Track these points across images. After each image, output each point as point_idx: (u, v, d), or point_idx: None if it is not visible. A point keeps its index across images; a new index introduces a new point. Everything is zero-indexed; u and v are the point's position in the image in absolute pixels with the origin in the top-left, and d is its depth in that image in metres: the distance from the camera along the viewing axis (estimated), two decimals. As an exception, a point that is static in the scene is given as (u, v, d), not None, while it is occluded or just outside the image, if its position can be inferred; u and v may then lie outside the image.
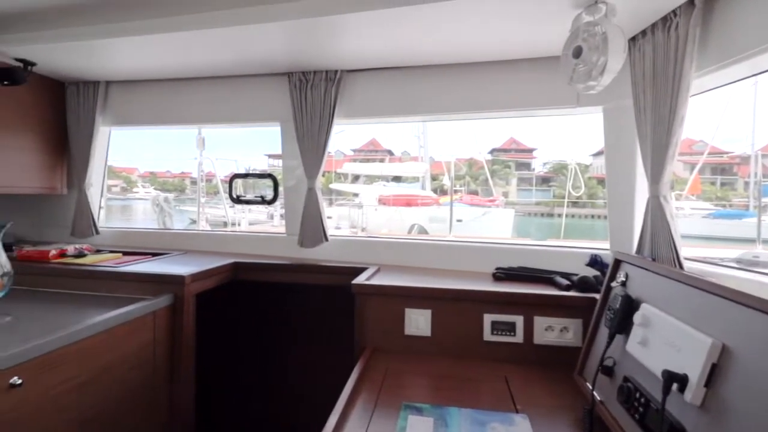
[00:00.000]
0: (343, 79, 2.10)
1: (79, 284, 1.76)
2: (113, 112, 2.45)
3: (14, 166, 2.19)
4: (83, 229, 2.38)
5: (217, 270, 1.87)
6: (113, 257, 2.03)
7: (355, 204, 10.30)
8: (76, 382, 1.24)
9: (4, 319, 1.34)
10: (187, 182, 10.77)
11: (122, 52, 1.97)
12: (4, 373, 1.03)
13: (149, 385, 1.53)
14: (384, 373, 1.31)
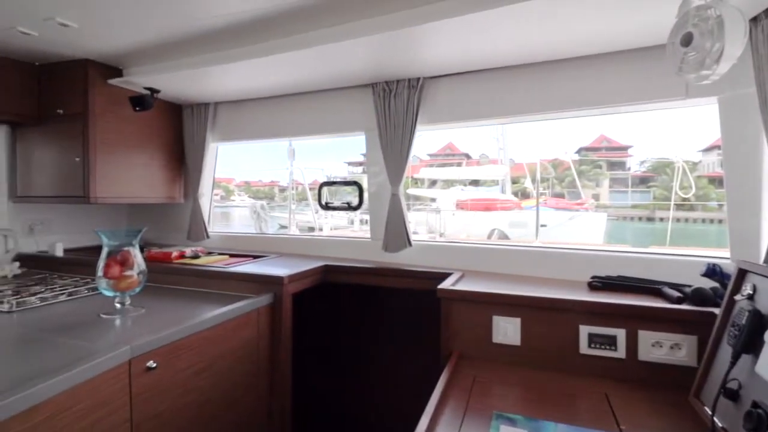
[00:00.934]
0: (425, 85, 2.13)
1: (195, 282, 2.01)
2: (220, 130, 2.76)
3: (143, 179, 2.57)
4: (197, 233, 2.70)
5: (311, 272, 2.00)
6: (222, 259, 2.27)
7: (433, 209, 10.26)
8: (197, 368, 1.41)
9: (139, 310, 1.59)
10: (276, 190, 11.55)
11: (228, 76, 2.22)
12: (144, 357, 1.22)
13: (254, 374, 1.70)
14: (472, 380, 1.30)
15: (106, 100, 2.33)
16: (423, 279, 1.92)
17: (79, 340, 1.26)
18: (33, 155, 2.43)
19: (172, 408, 1.31)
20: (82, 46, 2.10)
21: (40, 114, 2.38)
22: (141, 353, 1.21)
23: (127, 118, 2.43)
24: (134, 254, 1.55)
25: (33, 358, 1.14)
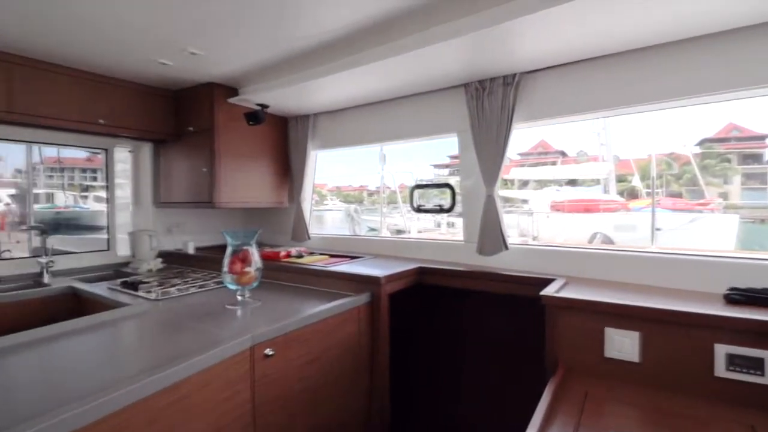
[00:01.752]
0: (521, 81, 2.05)
1: (299, 279, 2.18)
2: (319, 138, 2.96)
3: (256, 186, 2.86)
4: (300, 234, 2.93)
5: (406, 273, 2.04)
6: (322, 258, 2.43)
7: (525, 211, 9.73)
8: (307, 358, 1.53)
9: (256, 303, 1.77)
10: (365, 194, 11.97)
11: (326, 88, 2.37)
12: (263, 345, 1.36)
13: (355, 367, 1.78)
14: (584, 396, 1.21)
15: (226, 117, 2.64)
16: (522, 284, 1.84)
17: (210, 327, 1.45)
18: (171, 167, 2.86)
19: (286, 393, 1.44)
20: (207, 71, 2.41)
21: (176, 132, 2.80)
22: (261, 341, 1.35)
23: (244, 132, 2.73)
24: (252, 253, 1.73)
25: (176, 340, 1.34)
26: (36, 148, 2.64)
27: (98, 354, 1.29)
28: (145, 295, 1.88)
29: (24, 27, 1.82)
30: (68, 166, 3.80)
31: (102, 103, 2.44)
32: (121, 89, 2.52)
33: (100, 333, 1.45)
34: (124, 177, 2.92)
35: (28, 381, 1.05)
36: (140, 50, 2.10)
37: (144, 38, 1.96)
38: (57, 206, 3.26)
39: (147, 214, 2.91)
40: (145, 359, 1.18)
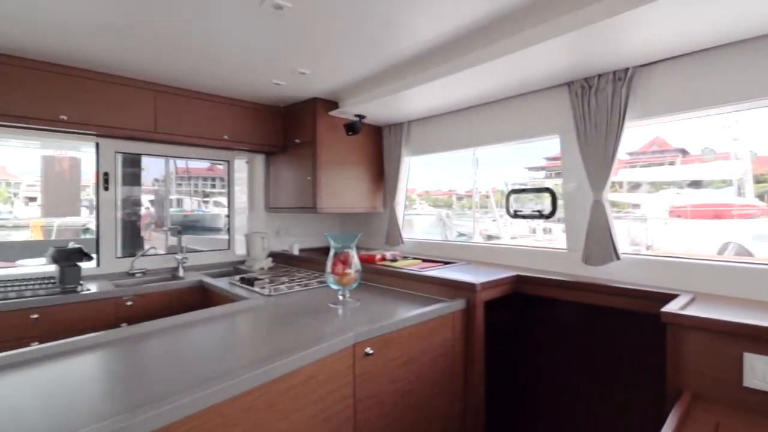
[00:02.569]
0: (635, 76, 1.87)
1: (394, 282, 2.24)
2: (412, 145, 3.02)
3: (354, 192, 3.02)
4: (393, 238, 3.02)
5: (503, 281, 1.99)
6: (416, 263, 2.47)
7: (637, 217, 8.71)
8: (402, 360, 1.58)
9: (356, 303, 1.87)
10: (454, 199, 11.79)
11: (422, 96, 2.41)
12: (364, 343, 1.44)
13: (450, 372, 1.78)
14: (714, 428, 1.06)
15: (327, 129, 2.84)
16: (637, 298, 1.66)
17: (316, 323, 1.57)
18: (280, 176, 3.16)
19: (383, 392, 1.49)
20: (312, 87, 2.62)
21: (284, 144, 3.08)
22: (362, 340, 1.42)
23: (342, 142, 2.91)
24: (353, 255, 1.84)
25: (287, 333, 1.48)
26: (171, 160, 3.13)
27: (223, 341, 1.48)
28: (260, 290, 2.11)
29: (168, 64, 2.18)
30: (193, 175, 4.40)
31: (226, 122, 2.80)
32: (240, 109, 2.87)
33: (224, 322, 1.66)
34: (241, 185, 3.30)
35: (166, 361, 1.26)
36: (259, 74, 2.37)
37: (263, 63, 2.21)
38: (184, 210, 3.79)
39: (260, 217, 3.25)
40: (263, 349, 1.33)
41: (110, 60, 2.16)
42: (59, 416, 0.90)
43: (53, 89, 2.16)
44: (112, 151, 2.61)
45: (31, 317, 1.90)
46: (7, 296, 1.93)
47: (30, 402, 0.97)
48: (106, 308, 2.11)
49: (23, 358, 1.21)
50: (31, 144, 3.08)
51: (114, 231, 2.63)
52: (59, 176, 7.01)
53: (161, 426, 0.89)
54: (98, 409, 0.93)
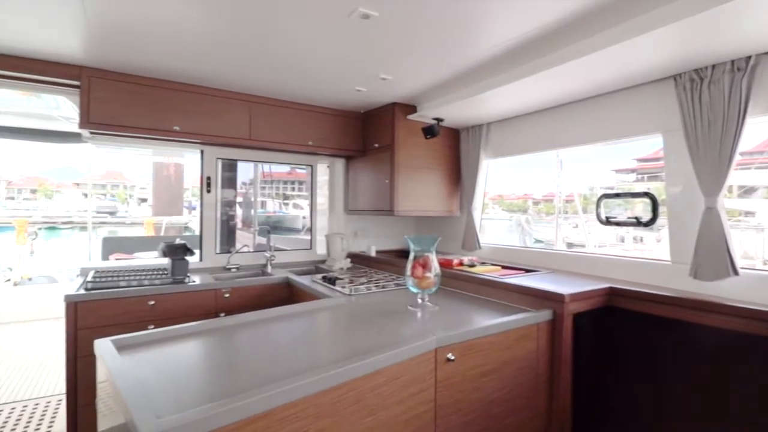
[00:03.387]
0: (759, 65, 1.63)
1: (472, 288, 2.19)
2: (492, 147, 2.94)
3: (430, 195, 3.01)
4: (470, 243, 2.96)
5: (594, 293, 1.85)
6: (495, 269, 2.40)
7: (752, 226, 7.60)
8: (484, 368, 1.53)
9: (435, 307, 1.86)
10: (529, 203, 11.36)
11: (503, 97, 2.34)
12: (446, 348, 1.42)
13: (532, 386, 1.70)
14: None
15: (405, 133, 2.88)
16: (763, 321, 1.44)
17: (397, 324, 1.59)
18: (358, 179, 3.26)
19: (465, 399, 1.47)
20: (392, 92, 2.67)
21: (363, 148, 3.18)
22: (444, 345, 1.42)
23: (419, 146, 2.93)
24: (432, 259, 1.83)
25: (369, 332, 1.52)
26: (258, 165, 3.39)
27: (311, 335, 1.56)
28: (341, 289, 2.19)
29: (262, 77, 2.37)
30: (275, 179, 4.70)
31: (310, 128, 2.97)
32: (323, 115, 3.02)
33: (310, 318, 1.75)
34: (321, 188, 3.46)
35: (260, 351, 1.35)
36: (343, 82, 2.48)
37: (348, 72, 2.30)
38: (267, 211, 4.06)
39: (339, 219, 3.39)
40: (348, 346, 1.38)
41: (214, 76, 2.40)
42: (175, 391, 1.02)
43: (168, 103, 2.46)
44: (213, 158, 2.90)
45: (148, 303, 2.17)
46: (130, 284, 2.24)
47: (152, 376, 1.11)
48: (207, 298, 2.34)
49: (145, 340, 1.39)
50: (144, 152, 3.51)
51: (214, 229, 2.91)
52: (166, 180, 7.91)
53: (262, 411, 0.96)
54: (206, 390, 1.04)
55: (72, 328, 2.00)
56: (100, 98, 2.28)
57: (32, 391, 3.06)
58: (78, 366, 2.01)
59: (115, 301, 2.10)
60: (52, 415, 2.69)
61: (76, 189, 21.47)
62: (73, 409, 2.00)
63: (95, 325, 2.05)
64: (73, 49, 2.05)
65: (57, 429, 2.50)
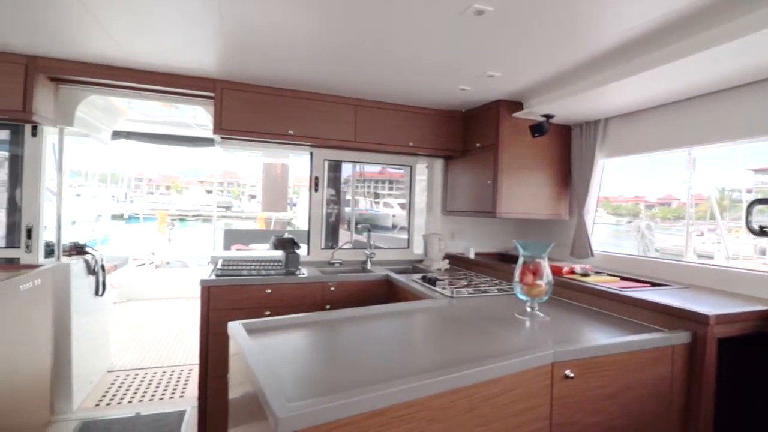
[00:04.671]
0: None
1: (586, 299, 2.01)
2: (609, 145, 2.66)
3: (535, 197, 2.84)
4: (581, 250, 2.72)
5: (745, 316, 1.57)
6: (613, 280, 2.17)
7: None
8: (607, 390, 1.39)
9: (545, 317, 1.74)
10: (641, 207, 10.16)
11: (623, 90, 2.10)
12: (563, 364, 1.32)
13: (663, 416, 1.50)
14: None
15: (510, 132, 2.75)
16: None
17: (505, 333, 1.52)
18: (457, 180, 3.21)
19: (583, 422, 1.35)
20: (497, 90, 2.57)
21: (463, 148, 3.12)
22: (562, 360, 1.31)
23: (525, 145, 2.77)
24: (544, 266, 1.72)
25: (476, 338, 1.47)
26: (355, 165, 3.52)
27: (415, 335, 1.57)
28: (442, 291, 2.17)
29: (368, 81, 2.45)
30: (367, 179, 4.82)
31: (411, 129, 2.99)
32: (424, 116, 3.03)
33: (413, 317, 1.76)
34: (419, 188, 3.47)
35: (370, 347, 1.39)
36: (448, 81, 2.45)
37: (454, 71, 2.27)
38: (360, 210, 4.18)
39: (436, 220, 3.37)
40: (457, 351, 1.35)
41: (324, 82, 2.55)
42: (298, 377, 1.09)
43: (285, 110, 2.67)
44: (321, 159, 3.09)
45: (266, 291, 2.39)
46: (251, 273, 2.48)
47: (277, 359, 1.20)
48: (315, 290, 2.50)
49: (269, 325, 1.52)
50: (255, 154, 3.85)
51: (320, 226, 3.10)
52: (274, 179, 8.61)
53: (380, 407, 0.99)
54: (325, 380, 1.09)
55: (205, 308, 2.29)
56: (230, 107, 2.56)
57: (170, 359, 3.58)
58: (209, 341, 2.29)
59: (239, 287, 2.35)
60: (185, 381, 3.12)
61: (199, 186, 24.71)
62: (204, 379, 2.29)
63: (223, 307, 2.31)
64: (210, 65, 2.33)
65: (189, 394, 2.89)
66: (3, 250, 2.42)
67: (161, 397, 2.84)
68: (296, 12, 1.68)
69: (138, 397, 2.84)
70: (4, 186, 2.47)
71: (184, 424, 2.47)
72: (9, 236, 2.46)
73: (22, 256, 2.41)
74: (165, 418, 2.54)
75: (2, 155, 2.58)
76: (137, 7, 1.68)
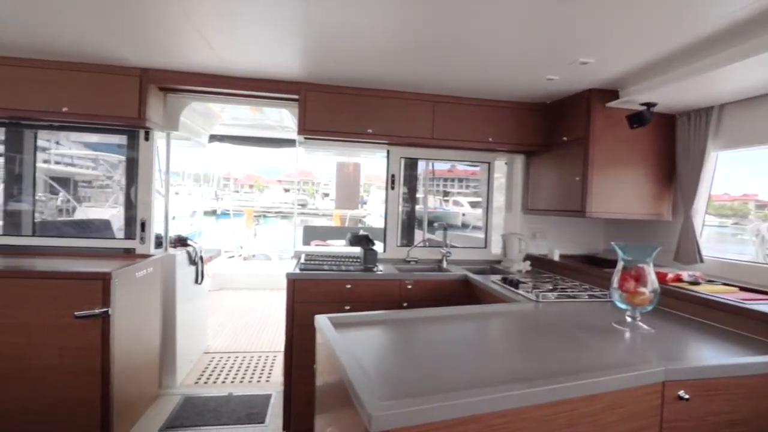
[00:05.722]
0: None
1: (697, 311, 1.78)
2: (725, 136, 2.33)
3: (631, 195, 2.58)
4: (687, 255, 2.41)
5: None
6: (730, 291, 1.90)
7: None
8: (730, 417, 1.22)
9: (649, 329, 1.57)
10: (751, 206, 8.87)
11: (747, 71, 1.81)
12: (676, 384, 1.18)
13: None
14: None
15: (603, 123, 2.52)
16: None
17: (602, 344, 1.40)
18: (540, 177, 3.02)
19: (701, 451, 1.19)
20: (588, 78, 2.36)
21: (547, 143, 2.93)
22: (674, 379, 1.17)
23: (620, 138, 2.53)
24: (649, 272, 1.55)
25: (570, 348, 1.37)
26: (428, 163, 3.46)
27: (501, 341, 1.50)
28: (526, 294, 2.06)
29: (447, 76, 2.39)
30: (436, 176, 4.73)
31: (491, 124, 2.88)
32: (504, 110, 2.90)
33: (496, 321, 1.69)
34: (497, 185, 3.34)
35: (455, 350, 1.35)
36: (533, 71, 2.32)
37: (540, 60, 2.14)
38: (429, 208, 4.10)
39: (516, 219, 3.21)
40: (551, 360, 1.27)
41: (402, 79, 2.54)
42: (385, 375, 1.09)
43: (364, 109, 2.72)
44: (398, 157, 3.10)
45: (346, 286, 2.45)
46: (331, 268, 2.57)
47: (363, 355, 1.22)
48: (393, 287, 2.52)
49: (352, 321, 1.55)
50: (330, 153, 3.96)
51: (396, 223, 3.12)
52: (347, 177, 8.88)
53: (472, 414, 0.95)
54: (413, 380, 1.08)
55: (291, 300, 2.41)
56: (313, 108, 2.67)
57: (256, 345, 3.85)
58: (294, 331, 2.41)
59: (320, 281, 2.44)
60: (270, 367, 3.33)
61: (278, 185, 26.37)
62: (290, 367, 2.41)
63: (306, 299, 2.42)
64: (295, 69, 2.44)
65: (274, 379, 3.08)
66: (122, 241, 2.76)
67: (250, 380, 3.07)
68: (379, 14, 1.69)
69: (230, 378, 3.10)
70: (118, 185, 2.81)
71: (270, 407, 2.64)
72: (127, 229, 2.80)
73: (137, 247, 2.74)
74: (254, 400, 2.73)
75: (117, 158, 2.95)
76: (236, 20, 1.81)
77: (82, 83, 2.42)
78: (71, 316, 2.05)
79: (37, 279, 2.10)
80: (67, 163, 3.45)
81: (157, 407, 2.60)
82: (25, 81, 2.38)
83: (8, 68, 2.36)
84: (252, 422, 2.47)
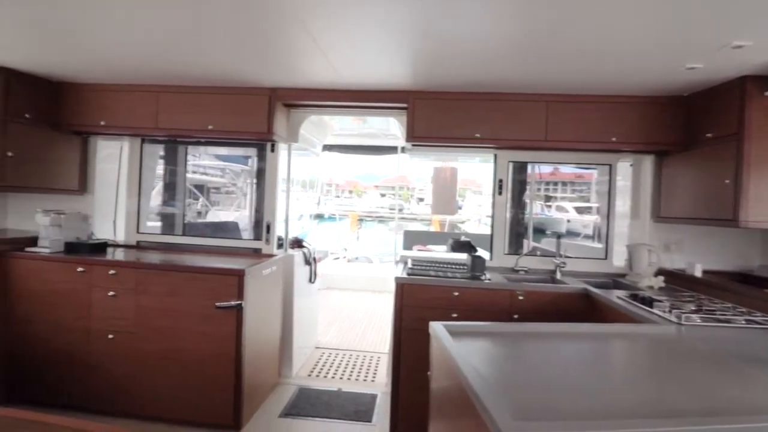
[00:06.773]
0: None
1: None
2: None
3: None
4: None
5: None
6: None
7: None
8: None
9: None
10: None
11: None
12: None
13: None
14: None
15: (762, 115, 2.12)
16: None
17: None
18: (676, 180, 2.65)
19: None
20: (742, 64, 2.00)
21: (684, 141, 2.56)
22: None
23: (789, 131, 2.09)
24: None
25: (733, 384, 1.17)
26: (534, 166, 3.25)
27: (640, 366, 1.34)
28: (663, 314, 1.81)
29: (560, 73, 2.23)
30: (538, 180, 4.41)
31: (614, 123, 2.62)
32: (629, 106, 2.61)
33: (631, 343, 1.51)
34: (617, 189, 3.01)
35: (589, 374, 1.23)
36: (669, 61, 2.05)
37: (680, 46, 1.88)
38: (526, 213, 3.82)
39: (644, 227, 2.86)
40: (705, 394, 1.10)
41: (513, 80, 2.44)
42: (511, 392, 1.05)
43: (471, 113, 2.68)
44: (506, 161, 2.98)
45: (453, 293, 2.43)
46: (437, 274, 2.57)
47: (484, 368, 1.18)
48: (502, 297, 2.42)
49: (467, 330, 1.53)
50: (428, 158, 3.93)
51: (504, 230, 3.01)
52: (443, 183, 8.83)
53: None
54: (538, 396, 1.02)
55: (399, 303, 2.47)
56: (421, 116, 2.71)
57: (362, 344, 4.02)
58: (402, 334, 2.45)
59: (428, 287, 2.46)
60: (375, 367, 3.45)
61: (374, 190, 27.37)
62: (397, 370, 2.46)
63: (413, 304, 2.45)
64: (404, 78, 2.51)
65: (378, 380, 3.18)
66: (250, 242, 3.12)
67: (356, 378, 3.21)
68: (491, 20, 1.65)
69: (339, 374, 3.28)
70: (241, 191, 3.15)
71: (376, 407, 2.73)
72: (255, 231, 3.15)
73: (263, 247, 3.06)
74: (361, 398, 2.85)
75: (240, 167, 3.33)
76: (355, 39, 1.94)
77: (224, 104, 2.80)
78: (212, 307, 2.37)
79: (188, 273, 2.47)
80: (201, 172, 4.03)
81: (277, 394, 2.87)
82: (182, 105, 2.83)
83: (170, 95, 2.84)
84: (360, 420, 2.58)
